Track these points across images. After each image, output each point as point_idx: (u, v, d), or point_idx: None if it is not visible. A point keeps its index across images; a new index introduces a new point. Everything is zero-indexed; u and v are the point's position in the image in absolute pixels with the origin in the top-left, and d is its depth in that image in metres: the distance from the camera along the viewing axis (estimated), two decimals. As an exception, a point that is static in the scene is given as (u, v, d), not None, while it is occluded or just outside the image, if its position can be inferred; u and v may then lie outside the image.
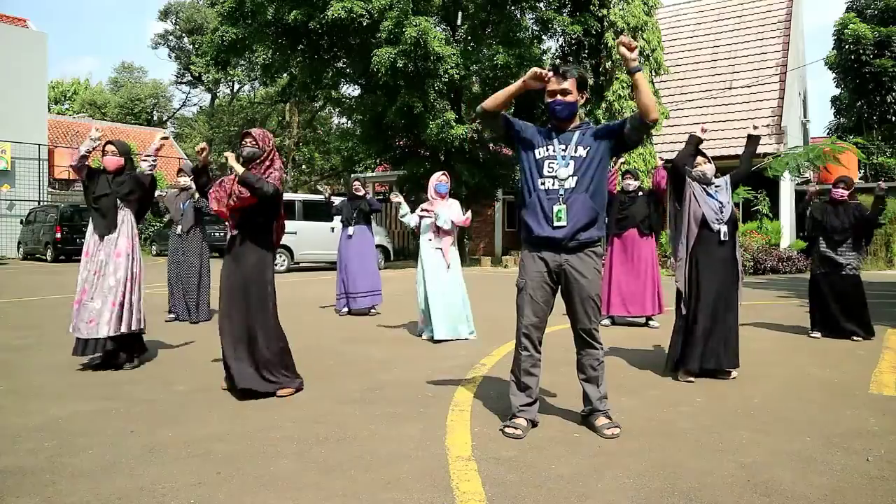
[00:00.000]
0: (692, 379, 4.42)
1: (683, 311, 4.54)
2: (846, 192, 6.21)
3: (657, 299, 6.84)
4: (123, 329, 4.63)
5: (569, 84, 3.24)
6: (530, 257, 3.33)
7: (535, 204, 3.28)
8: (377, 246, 15.23)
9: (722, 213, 4.51)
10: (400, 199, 6.54)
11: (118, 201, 4.72)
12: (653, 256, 6.90)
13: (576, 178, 3.24)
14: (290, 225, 13.60)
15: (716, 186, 4.60)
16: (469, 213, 6.33)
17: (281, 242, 4.35)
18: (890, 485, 2.68)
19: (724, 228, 4.49)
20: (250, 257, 3.99)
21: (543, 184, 3.27)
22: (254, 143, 4.00)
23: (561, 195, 3.23)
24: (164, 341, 5.77)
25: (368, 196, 8.13)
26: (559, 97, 3.25)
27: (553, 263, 3.27)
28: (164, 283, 7.51)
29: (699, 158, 4.58)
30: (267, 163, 4.01)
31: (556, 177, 3.25)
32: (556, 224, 3.22)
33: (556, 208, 3.22)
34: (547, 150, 3.30)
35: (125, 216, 4.76)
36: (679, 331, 4.56)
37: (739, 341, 4.58)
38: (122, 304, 4.63)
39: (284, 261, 15.13)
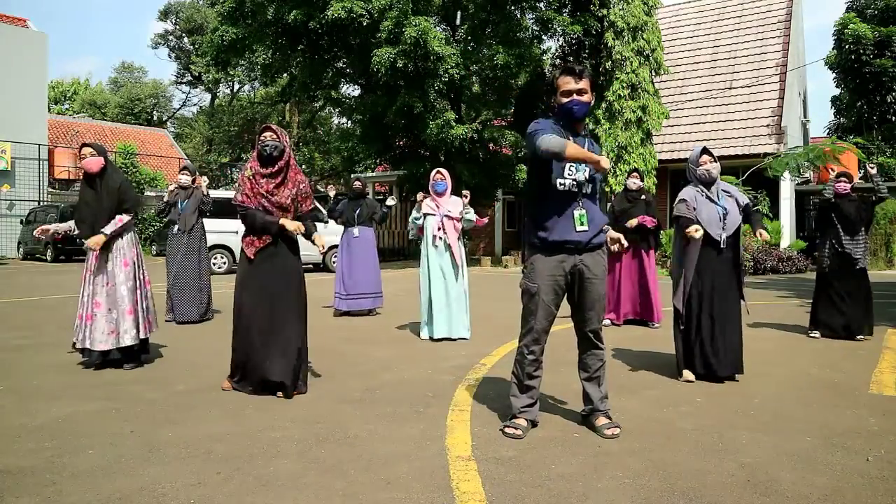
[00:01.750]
0: (692, 379, 4.42)
1: (682, 326, 4.47)
2: (848, 185, 6.18)
3: (657, 306, 6.86)
4: (142, 335, 4.75)
5: (584, 83, 3.19)
6: (545, 261, 3.25)
7: (553, 206, 3.21)
8: (335, 247, 15.04)
9: (725, 220, 4.40)
10: (393, 202, 6.56)
11: (98, 217, 4.68)
12: (652, 261, 6.95)
13: (591, 184, 3.24)
14: (232, 224, 12.47)
15: (722, 191, 4.50)
16: (471, 215, 6.32)
17: (222, 243, 4.40)
18: (890, 485, 2.68)
19: (724, 235, 4.38)
20: (288, 259, 4.03)
21: (563, 185, 3.20)
22: (275, 137, 4.00)
23: (581, 199, 3.21)
24: (164, 341, 5.77)
25: (369, 198, 8.09)
26: (576, 97, 3.18)
27: (569, 265, 3.24)
28: (163, 283, 7.50)
29: (704, 157, 4.48)
30: (290, 161, 4.06)
31: (575, 180, 3.20)
32: (579, 228, 3.19)
33: (577, 213, 3.19)
34: None
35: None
36: (679, 339, 4.52)
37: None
38: (136, 311, 4.72)
39: (225, 262, 14.16)
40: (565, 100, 3.20)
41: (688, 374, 4.45)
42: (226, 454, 2.97)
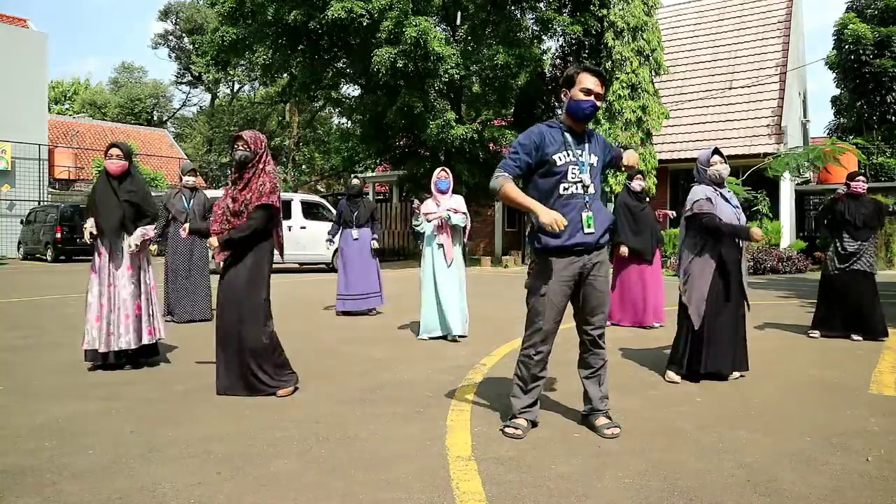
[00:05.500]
0: (677, 380, 4.40)
1: (696, 326, 4.39)
2: (865, 185, 6.14)
3: (660, 308, 6.86)
4: (144, 340, 4.71)
5: (603, 89, 3.23)
6: (556, 262, 3.20)
7: (560, 210, 3.13)
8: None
9: (739, 219, 4.42)
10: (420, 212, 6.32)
11: (124, 217, 4.65)
12: (658, 264, 6.96)
13: (593, 185, 3.23)
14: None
15: (729, 191, 4.53)
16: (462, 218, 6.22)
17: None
18: (890, 485, 2.68)
19: None
20: (249, 258, 3.99)
21: (567, 189, 3.19)
22: (245, 146, 3.99)
23: (587, 201, 3.20)
24: (163, 341, 5.76)
25: (367, 198, 8.07)
26: (594, 99, 3.18)
27: (579, 266, 3.21)
28: (162, 284, 7.50)
29: (716, 157, 4.48)
30: (260, 166, 4.01)
31: (580, 182, 3.19)
32: (587, 231, 3.17)
33: (584, 215, 3.18)
34: (568, 154, 3.19)
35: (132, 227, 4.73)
36: (687, 334, 4.44)
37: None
38: (137, 317, 4.67)
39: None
40: (583, 97, 3.17)
41: (673, 377, 4.43)
42: (226, 454, 2.97)
